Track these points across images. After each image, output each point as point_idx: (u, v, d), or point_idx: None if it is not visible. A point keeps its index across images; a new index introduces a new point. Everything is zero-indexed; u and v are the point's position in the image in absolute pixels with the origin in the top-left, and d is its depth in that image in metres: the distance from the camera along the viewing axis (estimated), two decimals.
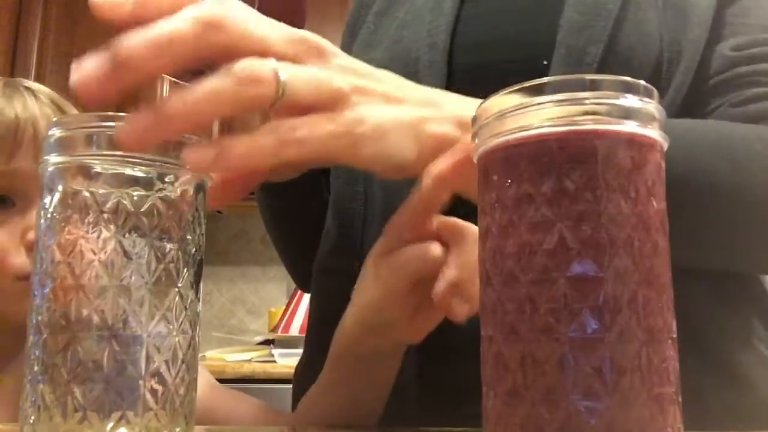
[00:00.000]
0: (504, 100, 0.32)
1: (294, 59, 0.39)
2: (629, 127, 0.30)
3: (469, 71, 0.63)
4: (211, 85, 0.36)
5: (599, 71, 0.55)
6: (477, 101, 0.34)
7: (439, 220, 0.45)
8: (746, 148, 0.50)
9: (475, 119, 0.34)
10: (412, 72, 0.62)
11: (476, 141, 0.34)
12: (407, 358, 0.54)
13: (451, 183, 0.41)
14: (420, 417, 0.54)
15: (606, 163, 0.29)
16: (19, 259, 0.61)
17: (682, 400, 0.30)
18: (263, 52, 0.38)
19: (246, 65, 0.37)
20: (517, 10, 0.64)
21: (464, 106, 0.44)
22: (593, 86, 0.31)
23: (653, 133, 0.31)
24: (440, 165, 0.41)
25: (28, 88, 0.65)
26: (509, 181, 0.31)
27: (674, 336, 0.30)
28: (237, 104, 0.37)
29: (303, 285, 0.81)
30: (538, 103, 0.30)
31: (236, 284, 2.86)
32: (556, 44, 0.58)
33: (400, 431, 0.53)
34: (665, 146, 0.32)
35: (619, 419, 0.28)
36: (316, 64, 0.40)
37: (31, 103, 0.63)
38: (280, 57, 0.38)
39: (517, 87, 0.32)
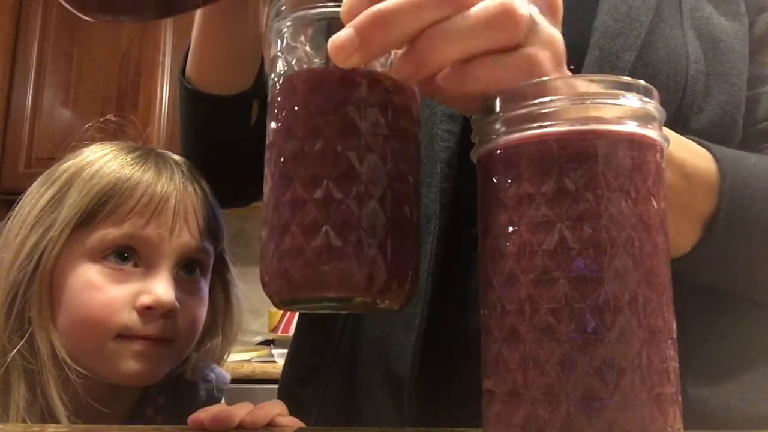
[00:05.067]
0: (504, 99, 0.32)
1: None
2: (629, 127, 0.30)
3: None
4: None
5: None
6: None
7: None
8: None
9: (475, 119, 0.34)
10: None
11: (476, 141, 0.34)
12: (408, 358, 0.54)
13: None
14: (420, 417, 0.54)
15: (606, 163, 0.29)
16: (125, 317, 0.61)
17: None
18: None
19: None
20: None
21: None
22: (593, 86, 0.31)
23: (653, 133, 0.31)
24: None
25: (177, 163, 0.69)
26: (509, 181, 0.31)
27: (674, 336, 0.30)
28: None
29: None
30: (539, 103, 0.30)
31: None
32: (590, 47, 0.57)
33: (400, 431, 0.53)
34: (665, 146, 0.32)
35: (619, 419, 0.28)
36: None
37: (177, 177, 0.66)
38: None
39: (517, 86, 0.32)
